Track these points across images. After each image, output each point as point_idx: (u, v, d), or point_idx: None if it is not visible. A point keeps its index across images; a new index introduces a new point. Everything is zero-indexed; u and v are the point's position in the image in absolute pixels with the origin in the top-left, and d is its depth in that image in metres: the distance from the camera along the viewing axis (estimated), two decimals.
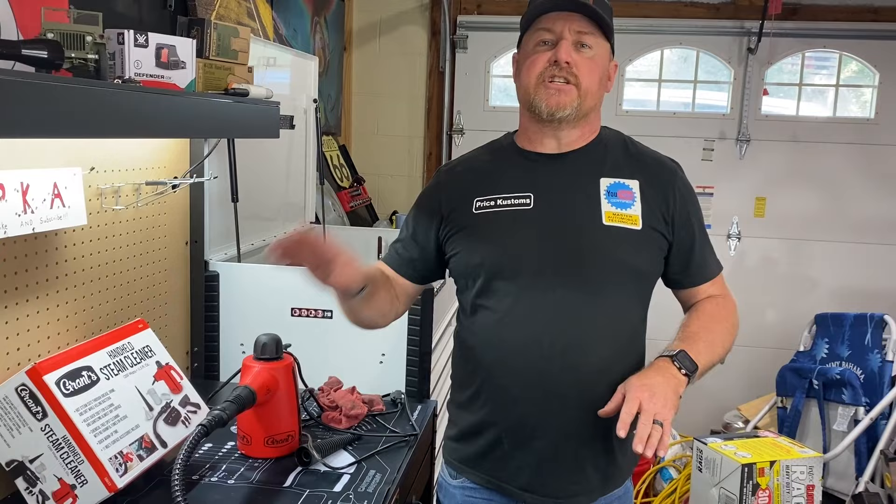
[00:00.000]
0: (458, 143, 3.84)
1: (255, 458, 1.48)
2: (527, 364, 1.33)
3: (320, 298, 1.91)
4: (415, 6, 3.77)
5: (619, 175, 1.38)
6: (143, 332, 1.46)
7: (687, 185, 1.43)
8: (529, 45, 1.37)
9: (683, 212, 1.39)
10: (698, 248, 1.42)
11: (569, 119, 1.35)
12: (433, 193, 1.47)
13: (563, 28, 1.33)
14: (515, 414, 1.36)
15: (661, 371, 1.27)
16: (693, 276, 1.43)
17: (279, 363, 1.48)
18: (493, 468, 1.41)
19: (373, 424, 1.67)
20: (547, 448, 1.35)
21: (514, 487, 1.39)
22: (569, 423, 1.34)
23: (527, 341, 1.33)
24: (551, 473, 1.37)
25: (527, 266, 1.34)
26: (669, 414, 1.21)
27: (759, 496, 2.31)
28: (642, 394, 1.21)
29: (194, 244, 1.91)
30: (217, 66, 1.66)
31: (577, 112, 1.35)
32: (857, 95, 3.67)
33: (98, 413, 1.25)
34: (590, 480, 1.38)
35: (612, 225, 1.34)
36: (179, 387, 1.46)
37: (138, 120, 1.27)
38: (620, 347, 1.36)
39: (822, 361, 3.05)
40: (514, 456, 1.37)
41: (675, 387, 1.25)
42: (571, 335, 1.32)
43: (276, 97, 1.83)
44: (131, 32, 1.38)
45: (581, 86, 1.33)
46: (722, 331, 1.39)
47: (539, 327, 1.32)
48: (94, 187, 1.50)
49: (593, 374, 1.33)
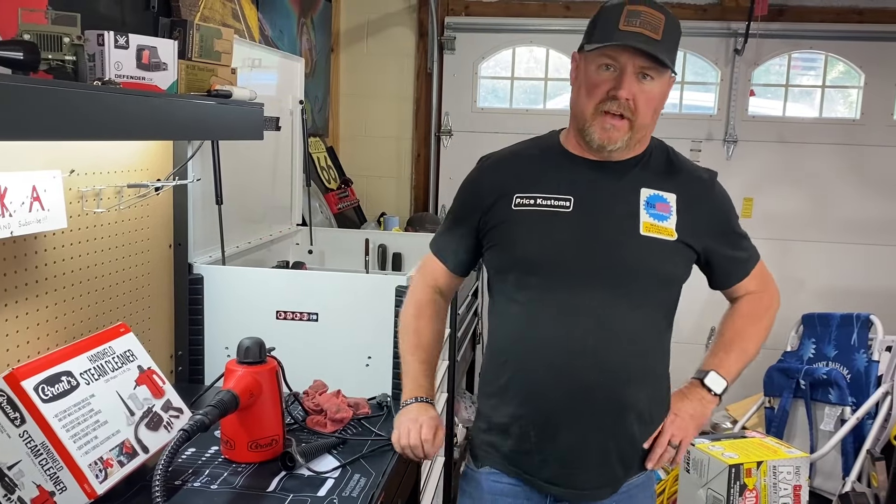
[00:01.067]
0: (446, 145, 3.84)
1: (238, 462, 1.46)
2: (555, 360, 1.37)
3: (306, 301, 1.91)
4: (402, 7, 3.76)
5: (659, 187, 1.42)
6: (124, 337, 1.45)
7: (719, 196, 1.48)
8: (592, 65, 1.36)
9: (715, 223, 1.45)
10: (733, 253, 1.49)
11: (622, 149, 1.39)
12: (475, 184, 1.51)
13: (627, 61, 1.33)
14: (543, 408, 1.40)
15: (690, 395, 1.46)
16: (730, 277, 1.51)
17: (263, 367, 1.46)
18: (519, 461, 1.44)
19: (358, 428, 1.66)
20: (573, 442, 1.39)
21: (540, 480, 1.43)
22: (595, 419, 1.39)
23: (556, 337, 1.37)
24: (578, 467, 1.41)
25: (561, 266, 1.38)
26: (688, 437, 1.44)
27: (747, 497, 2.31)
28: (670, 418, 1.44)
29: (178, 247, 1.89)
30: (200, 68, 1.65)
31: (629, 142, 1.39)
32: (844, 96, 3.69)
33: (77, 419, 1.23)
34: (615, 472, 1.43)
35: (649, 235, 1.39)
36: (161, 391, 1.45)
37: (118, 122, 1.26)
38: (646, 348, 1.42)
39: (810, 361, 3.06)
40: (541, 450, 1.41)
41: (700, 411, 1.45)
42: (600, 335, 1.37)
43: (262, 99, 1.82)
44: (111, 34, 1.37)
45: (636, 121, 1.36)
46: (754, 333, 1.51)
47: (569, 325, 1.37)
48: (74, 190, 1.48)
49: (619, 373, 1.38)
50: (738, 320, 1.52)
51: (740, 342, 1.50)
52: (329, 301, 1.90)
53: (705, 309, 3.65)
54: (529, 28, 3.72)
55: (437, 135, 3.83)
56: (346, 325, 1.90)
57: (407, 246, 2.81)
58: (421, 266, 1.61)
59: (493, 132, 3.69)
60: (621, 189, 1.41)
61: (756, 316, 1.52)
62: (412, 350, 1.53)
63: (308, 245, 2.70)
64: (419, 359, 1.52)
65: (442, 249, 1.56)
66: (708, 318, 3.72)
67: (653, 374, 1.44)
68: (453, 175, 3.81)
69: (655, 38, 1.31)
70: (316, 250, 2.71)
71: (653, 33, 1.31)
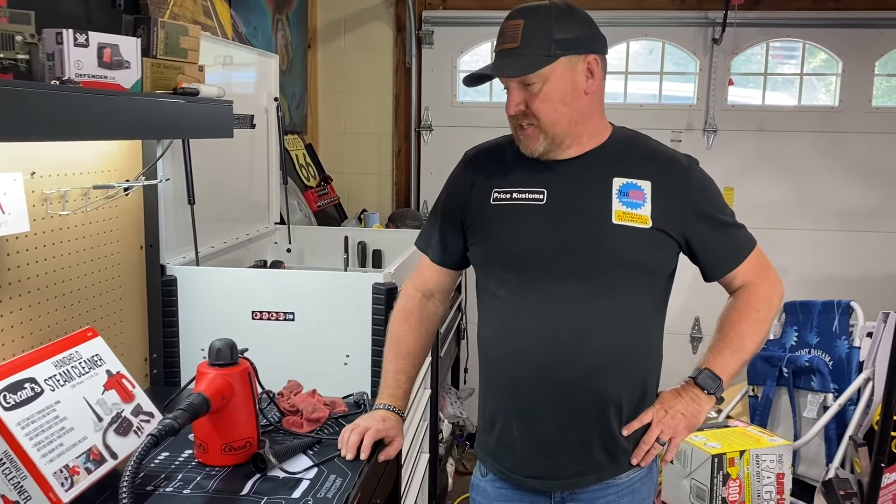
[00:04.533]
0: (426, 140, 3.81)
1: (212, 465, 1.44)
2: (534, 353, 1.38)
3: (281, 301, 1.88)
4: (379, 2, 3.73)
5: (633, 175, 1.40)
6: (92, 341, 1.42)
7: (701, 181, 1.45)
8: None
9: (695, 209, 1.41)
10: (719, 239, 1.45)
11: (548, 151, 1.40)
12: (457, 179, 1.53)
13: (507, 81, 1.38)
14: (523, 402, 1.41)
15: (684, 394, 1.44)
16: (719, 267, 1.47)
17: (234, 368, 1.44)
18: (503, 457, 1.47)
19: (335, 427, 1.64)
20: (554, 434, 1.41)
21: (521, 476, 1.45)
22: (574, 411, 1.39)
23: (534, 331, 1.38)
24: (557, 457, 1.42)
25: (536, 259, 1.39)
26: (678, 436, 1.43)
27: (730, 486, 2.31)
28: (660, 415, 1.42)
29: (150, 248, 1.86)
30: (166, 66, 1.62)
31: (552, 143, 1.39)
32: (825, 84, 3.69)
33: (42, 426, 1.21)
34: (597, 460, 1.43)
35: (622, 224, 1.37)
36: (131, 395, 1.42)
37: (78, 122, 1.23)
38: (628, 340, 1.41)
39: (792, 349, 3.06)
40: (523, 443, 1.43)
41: (693, 410, 1.42)
42: (577, 327, 1.37)
43: (236, 96, 1.80)
44: (70, 32, 1.34)
45: (542, 123, 1.37)
46: (750, 328, 1.45)
47: (546, 318, 1.37)
48: (37, 192, 1.45)
49: (598, 365, 1.38)
50: (734, 314, 1.47)
51: (736, 338, 1.45)
52: (306, 300, 1.88)
53: (687, 300, 3.67)
54: None
55: (417, 130, 3.81)
56: (323, 323, 1.88)
57: (387, 242, 2.79)
58: (414, 269, 1.63)
59: (474, 126, 3.67)
60: (593, 179, 1.41)
61: (752, 308, 1.46)
62: (392, 358, 1.56)
63: (287, 243, 2.67)
64: (397, 368, 1.55)
65: (427, 244, 1.58)
66: (691, 308, 3.73)
67: (635, 367, 1.43)
68: (434, 170, 3.79)
69: (514, 46, 1.35)
70: (295, 249, 2.68)
71: (512, 43, 1.35)
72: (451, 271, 1.58)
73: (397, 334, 1.57)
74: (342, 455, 1.47)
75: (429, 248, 1.57)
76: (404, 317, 1.58)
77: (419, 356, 1.59)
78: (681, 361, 1.84)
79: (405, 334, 1.57)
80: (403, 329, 1.57)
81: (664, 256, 1.42)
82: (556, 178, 1.41)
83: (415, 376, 1.59)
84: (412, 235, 1.74)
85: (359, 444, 1.46)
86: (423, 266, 1.60)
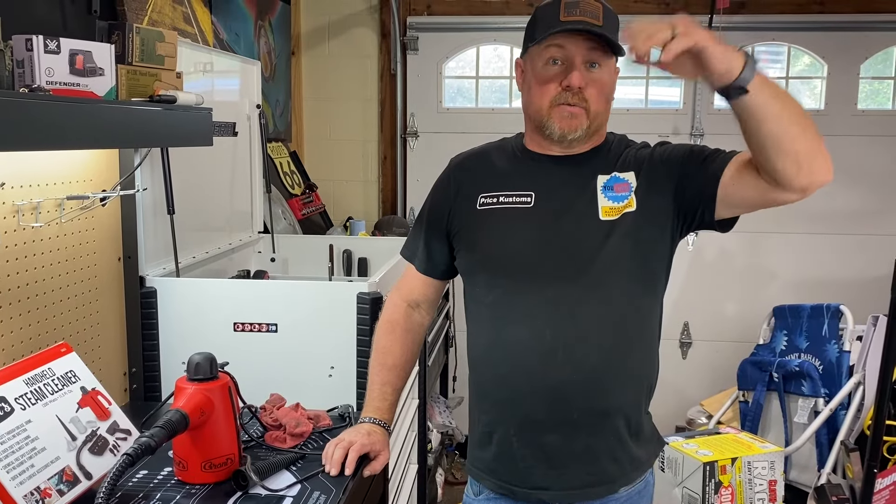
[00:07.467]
0: (412, 146, 3.78)
1: (192, 483, 1.39)
2: (526, 362, 1.34)
3: (264, 312, 1.84)
4: (363, 8, 3.70)
5: (616, 169, 1.39)
6: (65, 357, 1.37)
7: (669, 145, 1.40)
8: (539, 62, 1.36)
9: (669, 164, 1.35)
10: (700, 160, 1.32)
11: (579, 139, 1.37)
12: (442, 186, 1.51)
13: (575, 50, 1.32)
14: (521, 412, 1.37)
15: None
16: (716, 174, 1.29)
17: (214, 383, 1.39)
18: (503, 471, 1.42)
19: (320, 441, 1.60)
20: (558, 442, 1.36)
21: (526, 489, 1.40)
22: (577, 418, 1.35)
23: (525, 338, 1.34)
24: (565, 467, 1.37)
25: (525, 263, 1.36)
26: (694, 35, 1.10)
27: (722, 494, 2.29)
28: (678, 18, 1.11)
29: (128, 260, 1.82)
30: (142, 73, 1.58)
31: (586, 133, 1.37)
32: (810, 87, 3.69)
33: (11, 447, 1.16)
34: (607, 471, 1.38)
35: (609, 220, 1.34)
36: (107, 413, 1.38)
37: (47, 131, 1.19)
38: (625, 338, 1.37)
39: (782, 354, 3.05)
40: (525, 455, 1.38)
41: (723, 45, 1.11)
42: (571, 329, 1.33)
43: (217, 104, 1.76)
44: (40, 38, 1.30)
45: (591, 109, 1.34)
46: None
47: (538, 323, 1.34)
48: (8, 204, 1.41)
49: (596, 367, 1.34)
50: None
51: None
52: (289, 311, 1.84)
53: (677, 305, 3.66)
54: (493, 26, 3.68)
55: (403, 136, 3.77)
56: (307, 334, 1.84)
57: (373, 250, 2.75)
58: (399, 278, 1.60)
59: (461, 132, 3.64)
60: (579, 179, 1.39)
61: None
62: (378, 370, 1.53)
63: (271, 253, 2.63)
64: (382, 380, 1.52)
65: (413, 254, 1.55)
66: (680, 313, 3.72)
67: (634, 367, 1.38)
68: (421, 177, 3.75)
69: (598, 23, 1.30)
70: (279, 258, 2.64)
71: (594, 20, 1.30)
72: (437, 281, 1.55)
73: (383, 345, 1.54)
74: (326, 471, 1.43)
75: (414, 257, 1.55)
76: (390, 327, 1.55)
77: (405, 367, 1.55)
78: (670, 367, 1.82)
79: (391, 345, 1.53)
80: (389, 340, 1.54)
81: (660, 240, 1.36)
82: (544, 181, 1.40)
83: (401, 388, 1.56)
84: (398, 243, 1.71)
85: (343, 458, 1.42)
86: (408, 276, 1.57)
